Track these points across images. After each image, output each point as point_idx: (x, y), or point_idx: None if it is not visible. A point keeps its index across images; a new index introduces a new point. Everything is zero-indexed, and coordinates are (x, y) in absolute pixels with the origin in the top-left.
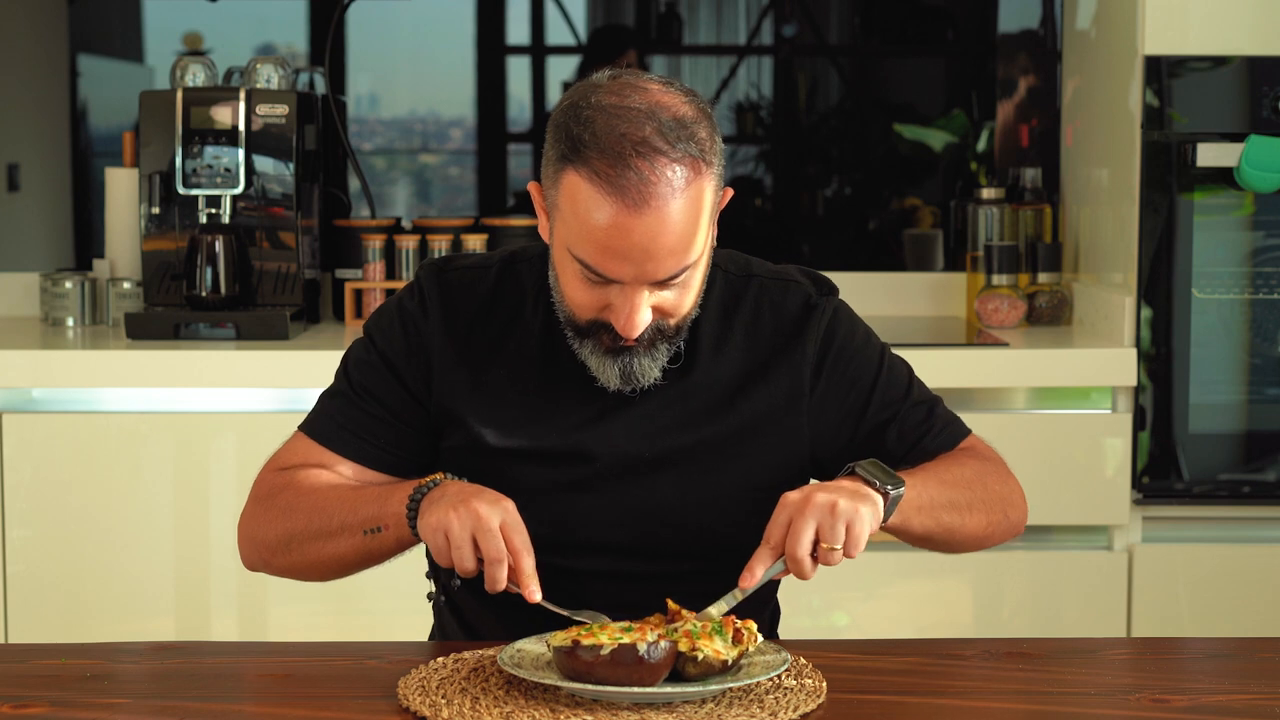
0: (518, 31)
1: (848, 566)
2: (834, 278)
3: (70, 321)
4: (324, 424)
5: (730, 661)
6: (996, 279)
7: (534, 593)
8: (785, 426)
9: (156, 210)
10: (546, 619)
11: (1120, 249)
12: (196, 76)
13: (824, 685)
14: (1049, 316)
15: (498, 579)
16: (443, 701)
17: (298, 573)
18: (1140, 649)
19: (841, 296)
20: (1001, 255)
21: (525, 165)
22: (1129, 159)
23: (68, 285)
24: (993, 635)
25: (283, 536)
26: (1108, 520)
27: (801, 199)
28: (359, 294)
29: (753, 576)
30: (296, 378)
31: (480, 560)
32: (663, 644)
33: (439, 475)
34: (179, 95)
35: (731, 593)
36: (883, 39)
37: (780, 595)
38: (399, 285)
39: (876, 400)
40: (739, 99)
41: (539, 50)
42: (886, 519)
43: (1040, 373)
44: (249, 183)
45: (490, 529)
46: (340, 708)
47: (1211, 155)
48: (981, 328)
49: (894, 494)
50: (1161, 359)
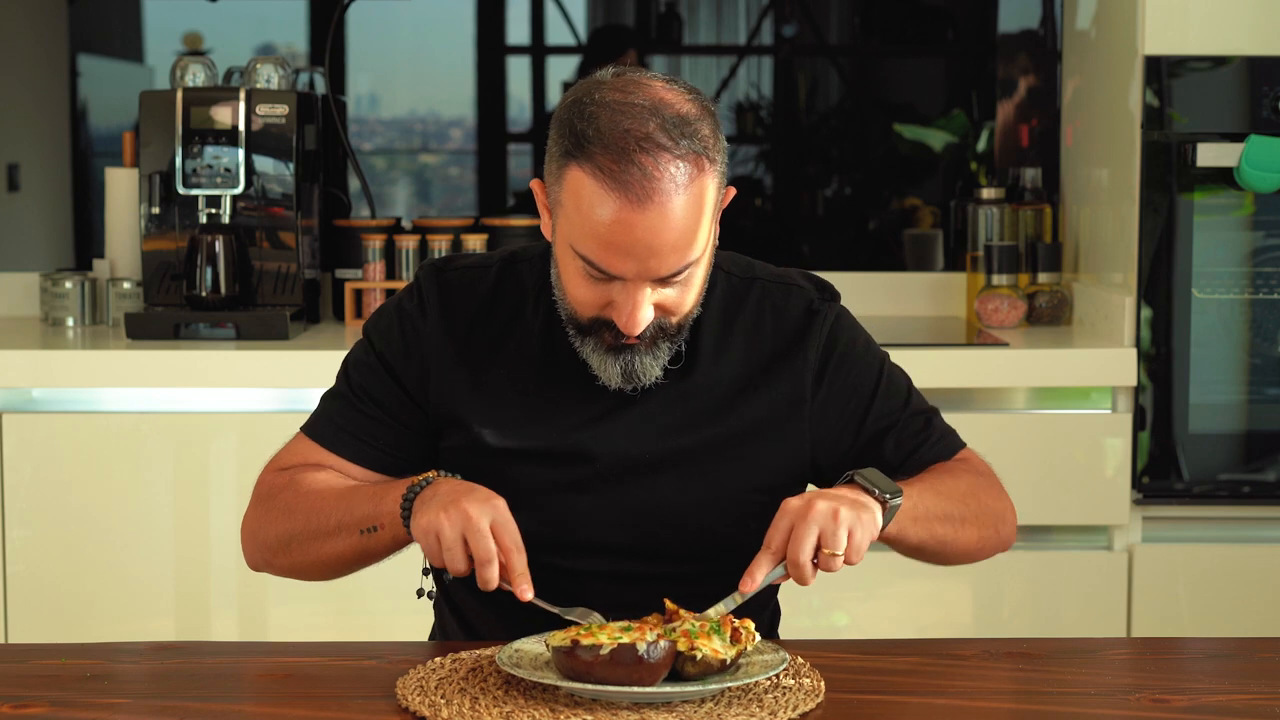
0: (518, 31)
1: (847, 567)
2: (834, 278)
3: (70, 321)
4: (324, 425)
5: (729, 661)
6: (996, 279)
7: (525, 591)
8: (787, 431)
9: (156, 210)
10: (546, 618)
11: (1120, 249)
12: (196, 76)
13: (822, 685)
14: (1049, 316)
15: (488, 579)
16: (442, 701)
17: (298, 572)
18: (1140, 649)
19: (842, 297)
20: (1001, 255)
21: (525, 165)
22: (1129, 159)
23: (68, 285)
24: (993, 635)
25: (283, 536)
26: (1108, 520)
27: (801, 199)
28: (359, 294)
29: (753, 581)
30: (296, 378)
31: (472, 560)
32: (662, 644)
33: (432, 473)
34: (179, 95)
35: (731, 596)
36: (883, 39)
37: (780, 596)
38: (399, 285)
39: (876, 408)
40: (739, 99)
41: (539, 50)
42: (884, 528)
43: (1040, 373)
44: (249, 183)
45: (480, 530)
46: (340, 708)
47: (1211, 155)
48: (981, 328)
49: (893, 503)
50: (1161, 359)
